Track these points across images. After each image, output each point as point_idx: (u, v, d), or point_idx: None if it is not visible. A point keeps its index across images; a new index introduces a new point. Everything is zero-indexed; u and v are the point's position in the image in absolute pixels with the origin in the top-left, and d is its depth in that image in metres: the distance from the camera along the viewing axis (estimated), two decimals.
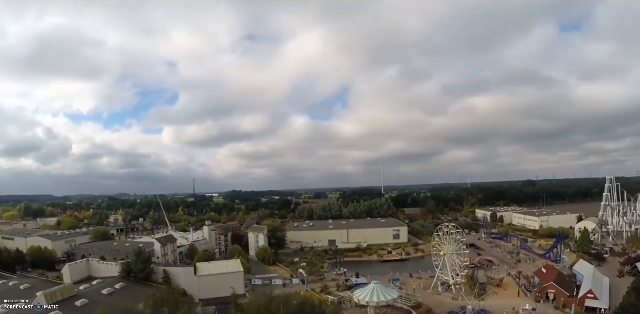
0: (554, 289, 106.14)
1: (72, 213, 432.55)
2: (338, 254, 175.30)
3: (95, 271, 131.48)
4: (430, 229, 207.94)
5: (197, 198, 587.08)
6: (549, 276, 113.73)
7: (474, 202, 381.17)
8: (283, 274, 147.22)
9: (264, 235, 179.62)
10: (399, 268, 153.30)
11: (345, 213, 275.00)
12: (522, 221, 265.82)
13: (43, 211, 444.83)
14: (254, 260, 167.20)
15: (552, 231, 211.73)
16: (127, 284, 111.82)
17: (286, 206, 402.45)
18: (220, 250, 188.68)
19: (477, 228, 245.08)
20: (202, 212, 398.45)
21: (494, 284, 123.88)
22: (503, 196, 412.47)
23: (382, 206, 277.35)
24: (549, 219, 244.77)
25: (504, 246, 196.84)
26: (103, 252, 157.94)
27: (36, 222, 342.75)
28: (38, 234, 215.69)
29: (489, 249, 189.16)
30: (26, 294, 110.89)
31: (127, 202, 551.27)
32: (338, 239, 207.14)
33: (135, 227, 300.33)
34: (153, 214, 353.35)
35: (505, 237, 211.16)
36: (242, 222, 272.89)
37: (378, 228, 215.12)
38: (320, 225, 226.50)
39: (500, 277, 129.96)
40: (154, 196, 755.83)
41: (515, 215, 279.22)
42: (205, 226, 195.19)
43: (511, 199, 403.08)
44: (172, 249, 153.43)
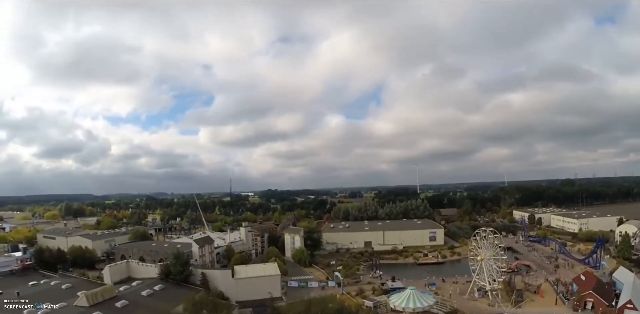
0: (592, 298, 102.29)
1: (111, 213, 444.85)
2: (374, 256, 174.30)
3: (134, 272, 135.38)
4: (467, 231, 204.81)
5: (234, 198, 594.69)
6: (587, 283, 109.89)
7: (512, 203, 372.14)
8: (319, 277, 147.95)
9: (300, 237, 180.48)
10: (435, 272, 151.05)
11: (381, 214, 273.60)
12: (560, 223, 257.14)
13: (83, 210, 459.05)
14: (290, 261, 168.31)
15: (591, 234, 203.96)
16: (166, 286, 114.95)
17: (322, 206, 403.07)
18: (257, 251, 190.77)
19: (514, 230, 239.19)
20: (239, 212, 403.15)
21: (531, 291, 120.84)
22: (541, 196, 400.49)
23: (418, 207, 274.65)
24: (588, 222, 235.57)
25: (542, 249, 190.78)
26: (142, 252, 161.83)
27: (76, 221, 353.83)
28: (79, 233, 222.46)
29: (527, 253, 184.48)
30: (67, 294, 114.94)
31: (164, 201, 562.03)
32: (374, 241, 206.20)
33: (173, 227, 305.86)
34: (190, 214, 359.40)
35: (543, 240, 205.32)
36: (278, 222, 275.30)
37: (414, 230, 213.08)
38: (356, 226, 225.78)
39: (538, 283, 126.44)
40: (191, 195, 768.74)
41: (554, 217, 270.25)
42: (242, 228, 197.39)
43: (549, 199, 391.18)
44: (209, 250, 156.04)
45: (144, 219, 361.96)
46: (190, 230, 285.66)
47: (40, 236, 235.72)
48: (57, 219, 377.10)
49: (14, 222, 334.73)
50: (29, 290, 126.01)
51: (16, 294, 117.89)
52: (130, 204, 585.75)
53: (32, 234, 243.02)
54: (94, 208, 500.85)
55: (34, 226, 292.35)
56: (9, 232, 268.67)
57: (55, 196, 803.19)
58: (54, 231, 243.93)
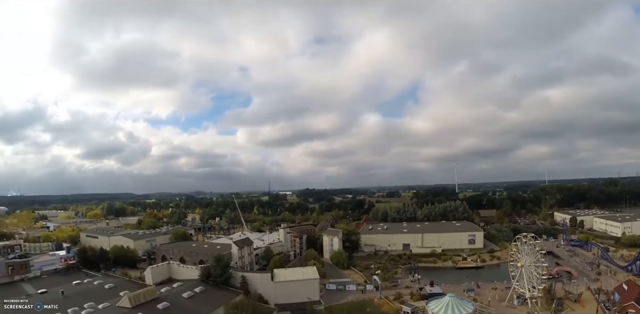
0: (634, 310, 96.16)
1: (151, 212, 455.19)
2: (412, 259, 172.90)
3: (175, 273, 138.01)
4: (507, 234, 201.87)
5: (272, 197, 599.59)
6: (630, 293, 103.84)
7: (552, 204, 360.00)
8: (357, 279, 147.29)
9: (338, 239, 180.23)
10: (474, 276, 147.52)
11: (419, 216, 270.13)
12: (603, 226, 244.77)
13: (124, 210, 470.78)
14: (328, 263, 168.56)
15: (635, 239, 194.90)
16: (206, 288, 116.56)
17: (360, 206, 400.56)
18: (295, 252, 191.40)
19: (555, 234, 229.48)
20: (277, 212, 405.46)
21: (571, 300, 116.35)
22: (583, 197, 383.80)
23: (457, 209, 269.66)
24: (632, 226, 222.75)
25: (583, 255, 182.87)
26: (182, 253, 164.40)
27: (118, 221, 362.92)
28: (120, 233, 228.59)
29: (568, 259, 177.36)
30: (110, 294, 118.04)
31: (204, 201, 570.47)
32: (412, 243, 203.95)
33: (212, 227, 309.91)
34: (229, 214, 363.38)
35: (585, 245, 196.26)
36: (316, 223, 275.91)
37: (453, 233, 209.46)
38: (394, 228, 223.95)
39: (578, 292, 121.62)
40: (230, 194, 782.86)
41: (597, 220, 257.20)
42: (281, 229, 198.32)
43: (592, 200, 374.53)
44: (248, 251, 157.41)
45: (183, 219, 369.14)
46: (229, 230, 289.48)
47: (84, 235, 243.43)
48: (99, 219, 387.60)
49: (58, 222, 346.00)
50: (73, 289, 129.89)
51: (60, 294, 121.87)
52: (170, 204, 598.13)
53: (76, 233, 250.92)
54: (134, 208, 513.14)
55: (77, 225, 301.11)
56: (53, 231, 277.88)
57: (97, 195, 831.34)
58: (97, 231, 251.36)
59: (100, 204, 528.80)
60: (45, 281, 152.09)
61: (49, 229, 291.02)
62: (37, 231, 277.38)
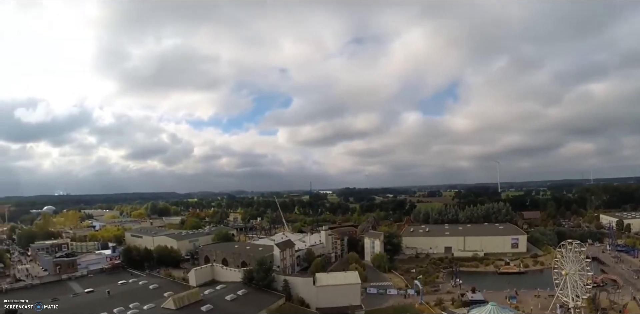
0: None
1: (194, 212, 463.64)
2: (454, 263, 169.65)
3: (218, 275, 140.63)
4: (551, 238, 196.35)
5: (313, 197, 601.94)
6: None
7: (598, 205, 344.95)
8: (398, 283, 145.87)
9: (380, 241, 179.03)
10: (516, 282, 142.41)
11: (461, 218, 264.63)
12: None
13: (168, 209, 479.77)
14: (369, 266, 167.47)
15: None
16: (248, 291, 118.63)
17: (401, 206, 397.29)
18: (337, 254, 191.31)
19: (601, 238, 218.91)
20: (318, 213, 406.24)
21: (616, 310, 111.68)
22: (631, 197, 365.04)
23: (500, 211, 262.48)
24: None
25: (630, 261, 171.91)
26: (225, 254, 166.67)
27: (162, 220, 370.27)
28: (164, 233, 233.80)
29: (613, 265, 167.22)
30: (155, 294, 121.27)
31: (245, 201, 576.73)
32: (454, 246, 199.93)
33: (254, 227, 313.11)
34: (271, 214, 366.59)
35: (632, 250, 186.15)
36: (357, 224, 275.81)
37: (495, 236, 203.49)
38: (436, 230, 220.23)
39: (624, 302, 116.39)
40: (270, 193, 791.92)
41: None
42: (323, 231, 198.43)
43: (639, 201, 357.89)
44: (290, 253, 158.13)
45: (225, 219, 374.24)
46: (270, 230, 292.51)
47: (128, 234, 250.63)
48: (143, 218, 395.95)
49: (103, 221, 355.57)
50: (119, 289, 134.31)
51: (107, 294, 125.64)
52: (212, 203, 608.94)
53: (121, 232, 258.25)
54: (177, 207, 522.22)
55: (122, 225, 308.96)
56: (98, 230, 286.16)
57: (141, 194, 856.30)
58: (141, 230, 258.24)
59: (144, 204, 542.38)
60: (91, 280, 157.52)
61: (95, 229, 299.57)
62: (83, 230, 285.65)
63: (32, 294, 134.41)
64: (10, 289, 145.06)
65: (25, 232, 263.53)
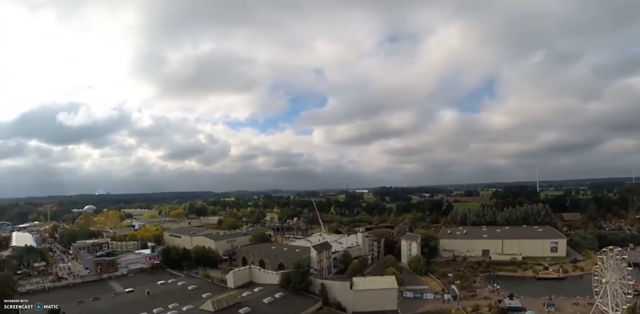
0: None
1: (231, 211, 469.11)
2: (491, 267, 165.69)
3: (256, 277, 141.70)
4: (591, 242, 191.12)
5: (349, 197, 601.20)
6: None
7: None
8: (434, 287, 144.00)
9: (417, 244, 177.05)
10: (555, 288, 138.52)
11: (499, 220, 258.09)
12: None
13: (205, 209, 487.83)
14: (405, 269, 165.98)
15: None
16: (286, 294, 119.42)
17: (437, 207, 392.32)
18: (373, 256, 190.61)
19: None
20: (354, 213, 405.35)
21: None
22: None
23: (539, 213, 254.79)
24: None
25: None
26: (262, 255, 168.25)
27: (200, 220, 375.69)
28: (202, 233, 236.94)
29: None
30: (193, 295, 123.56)
31: (281, 200, 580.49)
32: (492, 249, 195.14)
33: (290, 227, 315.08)
34: (307, 214, 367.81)
35: None
36: (393, 224, 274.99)
37: (534, 239, 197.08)
38: (474, 233, 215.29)
39: None
40: (306, 192, 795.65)
41: None
42: (360, 233, 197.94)
43: None
44: (327, 255, 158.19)
45: (262, 218, 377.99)
46: (307, 230, 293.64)
47: (167, 234, 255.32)
48: (181, 218, 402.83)
49: (143, 221, 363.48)
50: (158, 289, 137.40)
51: (146, 294, 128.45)
52: (249, 202, 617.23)
53: (160, 232, 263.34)
54: (215, 207, 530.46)
55: (160, 225, 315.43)
56: (138, 230, 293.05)
57: (179, 193, 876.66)
58: (179, 230, 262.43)
59: (182, 203, 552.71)
60: (131, 280, 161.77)
61: (134, 228, 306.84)
62: (123, 230, 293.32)
63: (74, 293, 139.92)
64: (53, 288, 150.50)
65: (67, 232, 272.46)
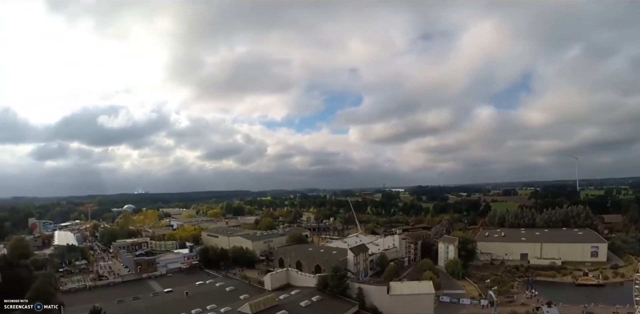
0: None
1: (268, 211, 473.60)
2: (529, 272, 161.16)
3: (293, 279, 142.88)
4: (633, 246, 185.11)
5: (385, 196, 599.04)
6: None
7: None
8: (471, 292, 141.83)
9: (454, 247, 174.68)
10: (594, 296, 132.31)
11: (538, 222, 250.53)
12: None
13: (242, 209, 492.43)
14: (442, 272, 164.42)
15: None
16: (323, 298, 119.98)
17: (475, 207, 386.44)
18: (410, 259, 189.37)
19: None
20: (391, 213, 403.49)
21: None
22: None
23: (579, 215, 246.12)
24: None
25: None
26: (299, 257, 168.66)
27: (237, 220, 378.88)
28: (239, 233, 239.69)
29: None
30: (231, 297, 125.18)
31: (318, 200, 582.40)
32: (531, 253, 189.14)
33: (327, 227, 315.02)
34: (344, 214, 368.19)
35: None
36: (430, 225, 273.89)
37: (574, 243, 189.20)
38: (512, 235, 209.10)
39: None
40: (342, 191, 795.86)
41: None
42: (397, 235, 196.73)
43: None
44: (364, 258, 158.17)
45: (299, 218, 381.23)
46: (343, 231, 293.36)
47: (205, 234, 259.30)
48: (219, 218, 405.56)
49: (181, 220, 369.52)
50: (196, 289, 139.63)
51: (185, 294, 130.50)
52: (285, 201, 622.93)
53: (197, 232, 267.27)
54: (251, 206, 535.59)
55: (198, 224, 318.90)
56: (176, 229, 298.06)
57: (216, 192, 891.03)
58: (217, 230, 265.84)
59: (219, 202, 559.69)
60: (170, 280, 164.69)
61: (173, 228, 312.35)
62: (161, 229, 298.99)
63: (114, 292, 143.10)
64: (94, 287, 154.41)
65: (108, 231, 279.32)
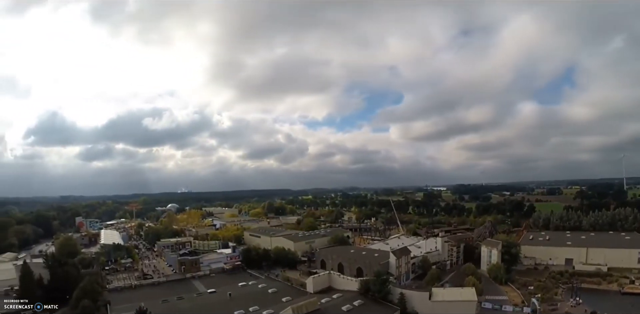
0: None
1: (310, 211, 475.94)
2: (574, 278, 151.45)
3: (335, 282, 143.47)
4: None
5: (427, 196, 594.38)
6: None
7: None
8: (514, 298, 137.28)
9: (497, 251, 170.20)
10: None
11: (584, 225, 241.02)
12: None
13: (284, 208, 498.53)
14: (485, 276, 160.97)
15: None
16: (364, 302, 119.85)
17: (518, 208, 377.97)
18: (452, 262, 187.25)
19: None
20: (433, 213, 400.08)
21: None
22: None
23: (626, 218, 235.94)
24: None
25: None
26: (340, 259, 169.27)
27: (279, 220, 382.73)
28: (281, 234, 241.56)
29: None
30: (273, 299, 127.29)
31: (359, 199, 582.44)
32: (576, 258, 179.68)
33: (368, 228, 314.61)
34: (385, 214, 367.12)
35: None
36: (472, 226, 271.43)
37: (621, 248, 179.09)
38: (557, 239, 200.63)
39: None
40: (383, 189, 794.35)
41: None
42: (439, 238, 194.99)
43: None
44: (406, 261, 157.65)
45: (340, 218, 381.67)
46: (384, 231, 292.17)
47: (247, 234, 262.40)
48: (260, 217, 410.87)
49: (224, 220, 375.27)
50: (239, 291, 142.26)
51: (228, 296, 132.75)
52: (327, 200, 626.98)
53: (240, 232, 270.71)
54: (293, 206, 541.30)
55: (241, 224, 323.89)
56: (219, 229, 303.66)
57: (258, 191, 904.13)
58: (259, 230, 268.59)
59: (261, 201, 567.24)
60: (213, 280, 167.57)
61: (216, 227, 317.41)
62: (204, 229, 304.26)
63: (159, 292, 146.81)
64: (139, 286, 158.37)
65: (152, 230, 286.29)
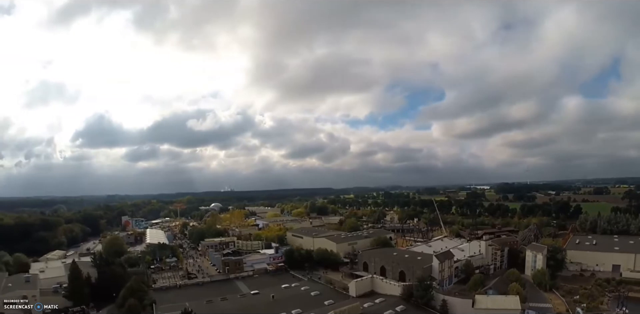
0: None
1: (352, 211, 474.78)
2: (620, 286, 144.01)
3: (377, 286, 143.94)
4: None
5: (470, 195, 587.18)
6: None
7: None
8: (558, 306, 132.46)
9: (542, 256, 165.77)
10: None
11: (633, 229, 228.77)
12: None
13: (326, 208, 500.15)
14: (529, 282, 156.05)
15: None
16: (407, 308, 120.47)
17: (564, 209, 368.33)
18: (495, 266, 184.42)
19: None
20: (476, 213, 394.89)
21: None
22: None
23: None
24: None
25: None
26: (383, 262, 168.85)
27: (321, 220, 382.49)
28: (324, 235, 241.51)
29: None
30: (316, 302, 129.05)
31: (401, 198, 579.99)
32: (623, 265, 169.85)
33: (411, 229, 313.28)
34: (428, 215, 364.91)
35: None
36: (517, 228, 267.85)
37: None
38: (604, 243, 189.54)
39: None
40: (425, 188, 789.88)
41: None
42: (483, 241, 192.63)
43: None
44: (449, 265, 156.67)
45: (382, 218, 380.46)
46: (427, 232, 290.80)
47: (290, 234, 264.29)
48: (303, 217, 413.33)
49: (267, 220, 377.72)
50: (282, 293, 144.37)
51: (271, 298, 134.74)
52: (369, 199, 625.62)
53: (283, 232, 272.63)
54: (335, 205, 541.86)
55: (283, 224, 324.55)
56: (262, 228, 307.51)
57: (300, 190, 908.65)
58: (302, 231, 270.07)
59: (303, 200, 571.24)
60: (256, 281, 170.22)
61: (259, 227, 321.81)
62: (248, 229, 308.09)
63: (203, 292, 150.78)
64: (184, 285, 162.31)
65: (196, 229, 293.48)
